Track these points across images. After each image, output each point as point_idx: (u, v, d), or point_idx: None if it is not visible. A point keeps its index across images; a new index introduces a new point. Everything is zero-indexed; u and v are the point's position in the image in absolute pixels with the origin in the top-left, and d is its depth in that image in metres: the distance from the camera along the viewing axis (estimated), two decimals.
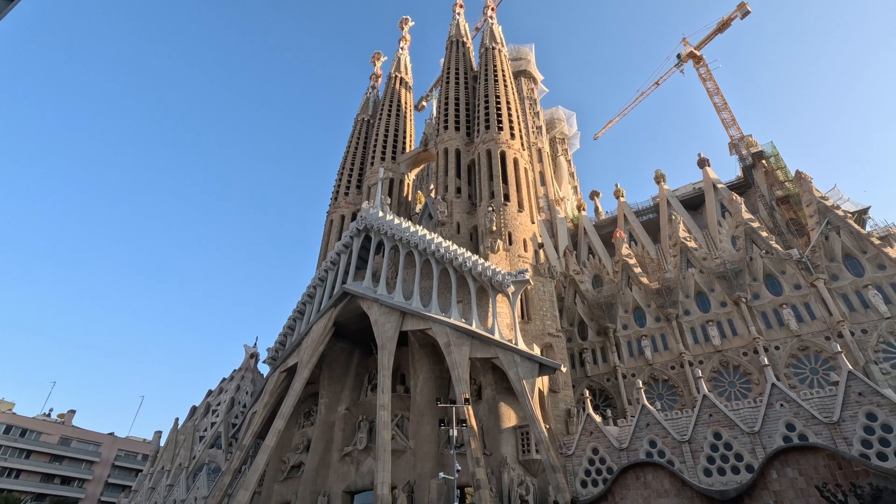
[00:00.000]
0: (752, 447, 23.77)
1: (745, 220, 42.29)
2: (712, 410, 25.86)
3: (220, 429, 51.10)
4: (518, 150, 47.86)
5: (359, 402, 38.24)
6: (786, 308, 36.10)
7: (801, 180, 42.61)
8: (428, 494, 29.22)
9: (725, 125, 66.48)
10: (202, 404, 56.13)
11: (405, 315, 34.45)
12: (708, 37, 78.38)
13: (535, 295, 37.51)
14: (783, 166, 52.43)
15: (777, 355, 34.65)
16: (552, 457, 26.09)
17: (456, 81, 57.46)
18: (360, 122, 67.51)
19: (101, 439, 76.54)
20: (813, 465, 18.50)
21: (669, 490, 21.60)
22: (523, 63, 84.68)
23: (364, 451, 34.25)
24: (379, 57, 77.51)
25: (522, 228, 41.88)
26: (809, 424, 23.16)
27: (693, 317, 39.44)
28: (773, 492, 18.94)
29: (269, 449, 32.91)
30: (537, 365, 29.90)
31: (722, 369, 36.46)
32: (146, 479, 52.10)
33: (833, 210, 38.47)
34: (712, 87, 72.50)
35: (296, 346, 38.83)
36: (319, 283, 41.77)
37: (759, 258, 39.02)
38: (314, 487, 34.18)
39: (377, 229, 39.67)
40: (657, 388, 38.01)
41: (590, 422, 28.81)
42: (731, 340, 36.96)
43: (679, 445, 25.53)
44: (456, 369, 30.11)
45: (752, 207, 50.53)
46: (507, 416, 30.62)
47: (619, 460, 26.33)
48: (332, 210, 57.93)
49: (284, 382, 38.61)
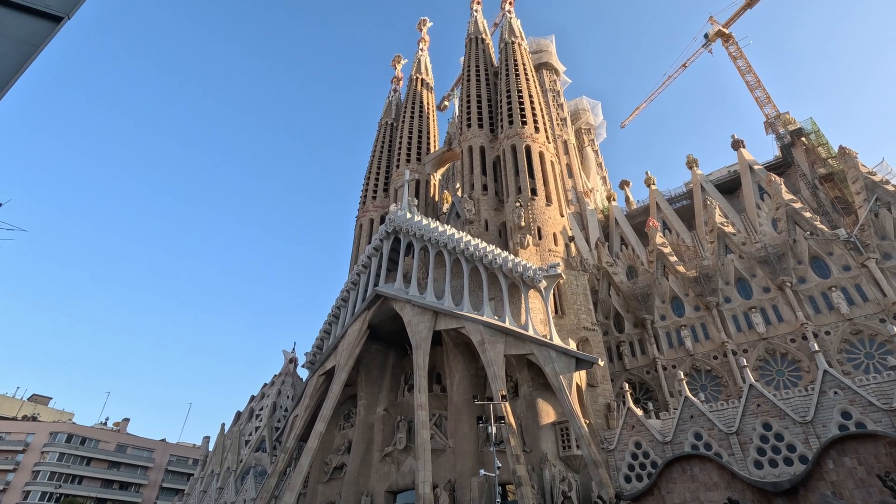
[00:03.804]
0: (806, 437, 22.78)
1: (785, 200, 40.51)
2: (760, 400, 24.90)
3: (263, 433, 52.63)
4: (543, 143, 47.31)
5: (396, 402, 38.62)
6: (835, 291, 34.39)
7: (846, 156, 40.53)
8: (469, 492, 29.24)
9: (760, 104, 63.91)
10: (246, 409, 57.91)
11: (438, 315, 34.58)
12: (736, 13, 75.45)
13: (567, 289, 36.98)
14: (825, 143, 49.95)
15: (828, 341, 33.05)
16: (593, 452, 25.68)
17: (477, 79, 57.26)
18: (383, 125, 68.13)
19: (154, 445, 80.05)
20: (873, 453, 17.52)
21: (718, 483, 20.90)
22: (544, 55, 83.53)
23: (404, 450, 34.57)
24: (399, 60, 78.03)
25: (551, 222, 41.37)
26: (867, 412, 22.01)
27: (734, 304, 38.06)
28: (830, 482, 18.04)
29: (311, 451, 33.66)
30: (574, 360, 29.48)
31: (769, 357, 35.04)
32: (197, 483, 54.15)
33: (882, 185, 36.44)
34: (743, 66, 69.80)
35: (332, 349, 39.54)
36: (352, 286, 42.39)
37: (804, 240, 37.30)
38: (357, 488, 34.73)
39: (406, 231, 39.96)
40: (700, 379, 36.85)
41: (631, 415, 28.21)
42: (777, 327, 35.48)
43: (726, 437, 24.71)
44: (491, 367, 30.03)
45: (792, 188, 48.32)
46: (545, 412, 30.32)
47: (664, 454, 25.67)
48: (360, 214, 58.68)
49: (323, 386, 39.38)
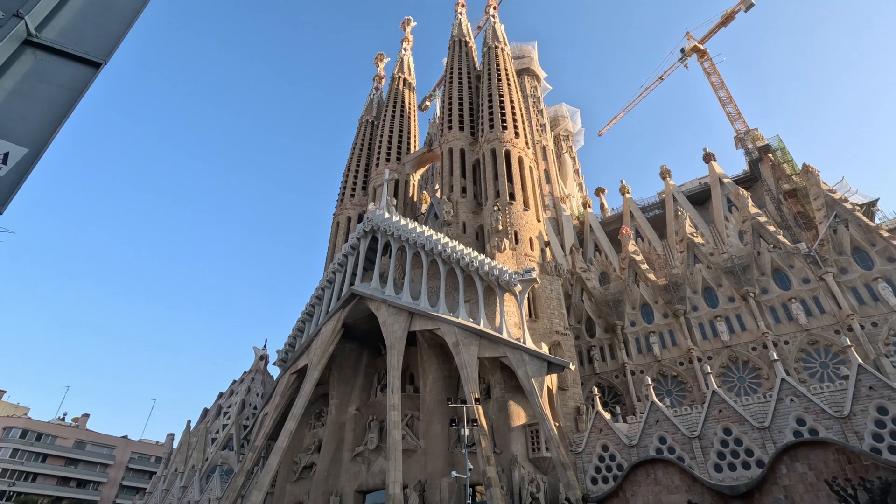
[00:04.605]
0: (763, 442, 23.78)
1: (752, 214, 42.12)
2: (722, 406, 25.87)
3: (231, 431, 51.66)
4: (522, 148, 47.91)
5: (369, 402, 38.52)
6: (794, 302, 35.95)
7: (808, 173, 42.37)
8: (439, 493, 29.45)
9: (731, 119, 66.18)
10: (213, 406, 56.76)
11: (413, 315, 34.67)
12: (712, 30, 77.95)
13: (542, 293, 37.58)
14: (790, 160, 52.12)
15: (786, 350, 34.53)
16: (562, 454, 26.21)
17: (459, 81, 57.56)
18: (364, 123, 67.77)
19: (115, 442, 77.53)
20: (823, 459, 18.52)
21: (680, 486, 21.68)
22: (526, 61, 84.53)
23: (375, 450, 34.52)
24: (382, 58, 77.71)
25: (528, 227, 41.95)
26: (820, 419, 23.13)
27: (701, 312, 39.35)
28: (783, 487, 18.98)
29: (281, 450, 33.27)
30: (546, 363, 30.01)
31: (731, 364, 36.37)
32: (160, 481, 52.78)
33: (841, 203, 38.23)
34: (717, 81, 72.14)
35: (305, 347, 39.16)
36: (327, 284, 42.07)
37: (767, 252, 38.85)
38: (326, 487, 34.52)
39: (384, 230, 39.89)
40: (666, 385, 37.98)
41: (599, 419, 28.89)
42: (740, 336, 36.86)
43: (689, 441, 25.57)
44: (465, 369, 30.30)
45: (759, 202, 50.28)
46: (516, 415, 30.76)
47: (630, 457, 26.40)
48: (338, 212, 58.24)
49: (295, 384, 38.96)
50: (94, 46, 2.24)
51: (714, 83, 72.33)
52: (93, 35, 2.25)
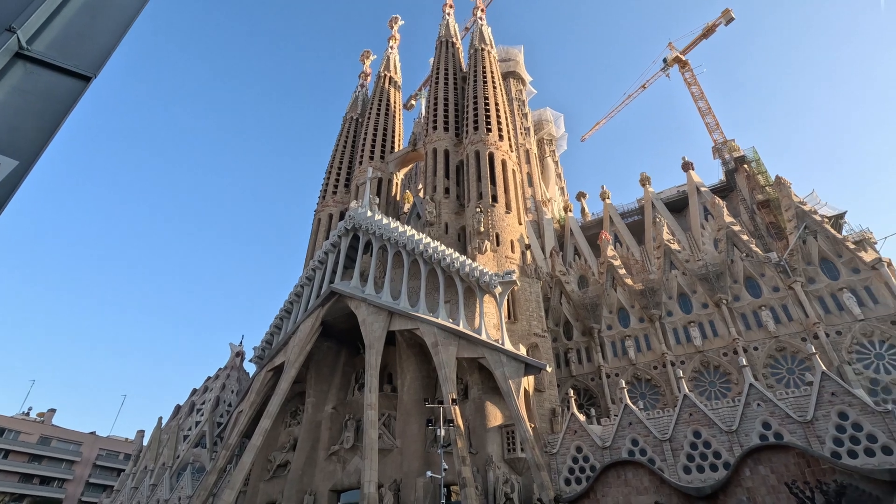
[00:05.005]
0: (730, 445, 24.51)
1: (726, 223, 43.25)
2: (692, 410, 26.56)
3: (204, 428, 50.82)
4: (506, 151, 48.28)
5: (346, 401, 38.38)
6: (764, 310, 37.07)
7: (781, 185, 43.70)
8: (414, 493, 29.54)
9: (709, 129, 67.70)
10: (186, 403, 55.72)
11: (393, 315, 34.67)
12: (693, 42, 79.66)
13: (521, 295, 37.97)
14: (764, 171, 53.62)
15: (755, 356, 35.60)
16: (537, 455, 26.56)
17: (445, 82, 57.68)
18: (348, 120, 67.35)
19: (82, 438, 75.43)
20: (784, 463, 19.24)
21: (649, 487, 22.22)
22: (512, 64, 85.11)
23: (351, 449, 34.42)
24: (368, 55, 77.30)
25: (510, 229, 42.31)
26: (784, 423, 23.96)
27: (676, 318, 40.26)
28: (746, 488, 19.66)
29: (255, 448, 32.91)
30: (523, 365, 30.35)
31: (703, 369, 37.33)
32: (129, 479, 51.62)
33: (811, 215, 39.55)
34: (697, 92, 73.76)
35: (283, 345, 38.80)
36: (307, 282, 41.75)
37: (740, 261, 39.97)
38: (300, 486, 34.27)
39: (365, 229, 39.76)
40: (640, 388, 38.76)
41: (574, 421, 29.36)
42: (712, 341, 37.84)
43: (660, 444, 26.19)
44: (443, 369, 30.44)
45: (733, 211, 51.63)
46: (493, 416, 31.04)
47: (602, 458, 26.91)
48: (319, 209, 57.78)
49: (271, 381, 38.56)
50: (83, 60, 2.28)
51: (694, 93, 73.95)
52: (82, 49, 2.30)
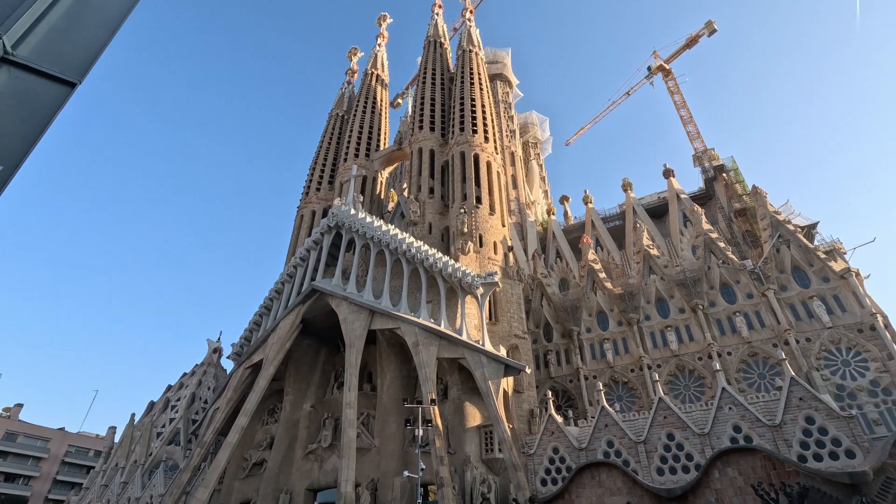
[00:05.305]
0: (702, 448, 25.07)
1: (704, 230, 44.18)
2: (667, 413, 27.09)
3: (179, 425, 49.94)
4: (491, 153, 48.54)
5: (324, 399, 38.14)
6: (738, 316, 37.97)
7: (757, 195, 44.81)
8: (391, 492, 29.52)
9: (690, 138, 68.97)
10: (161, 399, 54.70)
11: (374, 314, 34.58)
12: (677, 51, 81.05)
13: (503, 297, 38.23)
14: (741, 180, 54.87)
15: (729, 361, 36.45)
16: (514, 456, 26.79)
17: (432, 82, 57.73)
18: (334, 117, 66.92)
19: (51, 434, 73.42)
20: (751, 465, 19.82)
21: (622, 488, 22.62)
22: (499, 66, 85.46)
23: (328, 448, 34.22)
24: (356, 52, 76.89)
25: (493, 231, 42.57)
26: (754, 427, 24.61)
27: (653, 322, 40.97)
28: (714, 490, 20.19)
29: (231, 446, 32.49)
30: (503, 366, 30.58)
31: (678, 373, 38.06)
32: (98, 476, 50.44)
33: (785, 224, 40.65)
34: (679, 101, 75.05)
35: (262, 342, 38.39)
36: (288, 279, 41.37)
37: (717, 267, 40.87)
38: (276, 485, 33.95)
39: (348, 227, 39.56)
40: (617, 391, 39.35)
41: (551, 422, 29.67)
42: (688, 345, 38.61)
43: (635, 446, 26.65)
44: (423, 369, 30.48)
45: (711, 218, 52.71)
46: (472, 416, 31.19)
47: (578, 460, 27.26)
48: (302, 205, 57.29)
49: (249, 379, 38.12)
50: (68, 66, 2.28)
51: (677, 102, 75.24)
52: (68, 54, 2.28)
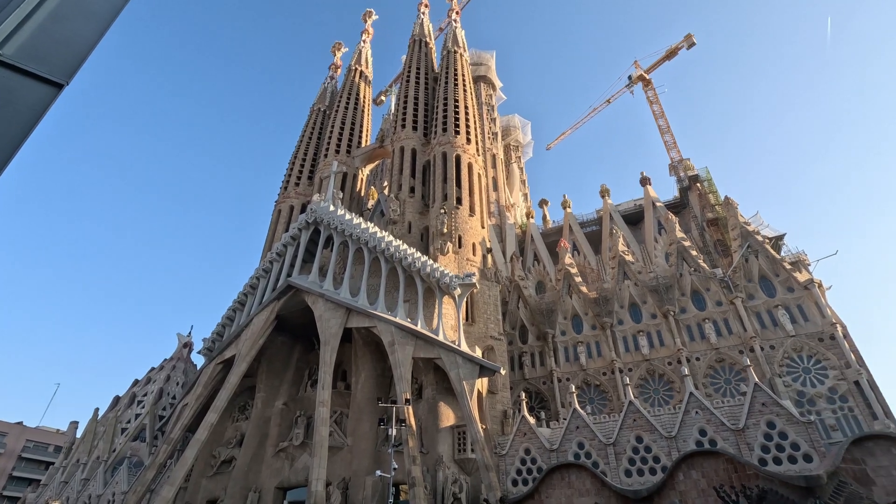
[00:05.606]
0: (669, 450, 25.73)
1: (678, 238, 45.31)
2: (636, 416, 27.69)
3: (145, 421, 48.70)
4: (473, 154, 48.78)
5: (297, 397, 37.71)
6: (708, 322, 39.08)
7: (729, 205, 46.19)
8: (363, 491, 29.39)
9: (667, 147, 70.61)
10: (127, 394, 53.23)
11: (350, 312, 34.36)
12: (657, 62, 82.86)
13: (480, 298, 38.47)
14: (715, 191, 56.44)
15: (697, 366, 37.48)
16: (486, 456, 27.01)
17: (416, 81, 57.66)
18: (315, 111, 66.22)
19: (7, 429, 70.68)
20: (714, 468, 20.48)
21: (590, 489, 23.04)
22: (483, 69, 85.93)
23: (300, 446, 33.85)
24: (340, 47, 76.25)
25: (472, 232, 42.79)
26: (719, 430, 25.39)
27: (626, 326, 41.82)
28: (679, 492, 20.79)
29: (199, 443, 31.84)
30: (478, 367, 30.78)
31: (649, 377, 38.95)
32: (58, 473, 48.81)
33: (754, 235, 42.01)
34: (658, 110, 76.76)
35: (234, 337, 37.74)
36: (263, 274, 40.77)
37: (688, 275, 41.97)
38: (245, 483, 33.43)
39: (327, 223, 39.21)
40: (589, 393, 40.04)
41: (524, 423, 29.99)
42: (659, 350, 39.56)
43: (605, 448, 27.16)
44: (398, 368, 30.45)
45: (685, 227, 54.09)
46: (445, 416, 31.30)
47: (549, 461, 27.63)
48: (280, 200, 56.54)
49: (220, 375, 37.42)
50: (56, 67, 2.24)
51: (655, 112, 76.93)
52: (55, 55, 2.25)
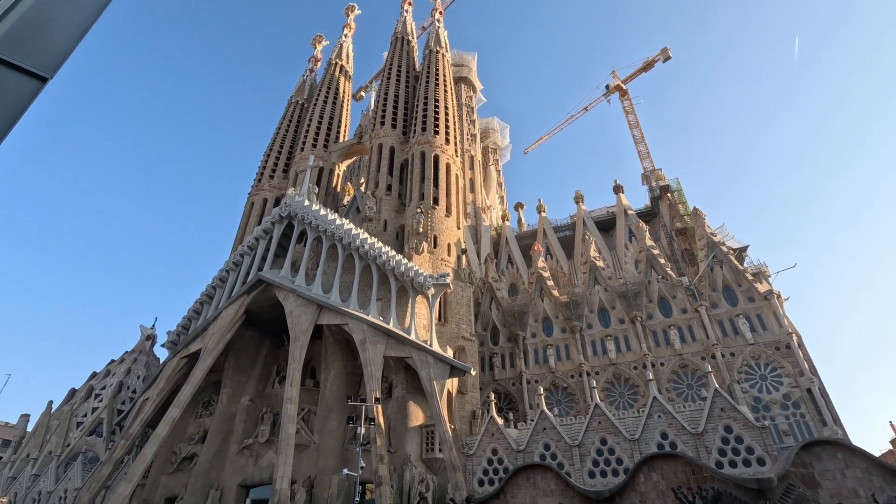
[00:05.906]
0: (632, 453, 26.42)
1: (647, 246, 46.49)
2: (602, 418, 28.33)
3: (102, 415, 47.05)
4: (451, 155, 48.90)
5: (264, 393, 37.09)
6: (673, 329, 40.26)
7: (697, 216, 47.68)
8: (328, 490, 29.13)
9: (640, 157, 72.36)
10: (84, 387, 51.28)
11: (322, 308, 33.99)
12: (634, 73, 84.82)
13: (453, 298, 38.62)
14: (684, 201, 58.15)
15: (661, 371, 38.57)
16: (454, 456, 27.16)
17: (397, 79, 57.43)
18: (293, 104, 65.20)
19: None
20: (673, 470, 21.19)
21: (555, 490, 23.48)
22: (465, 70, 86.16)
23: (265, 444, 33.32)
24: (320, 40, 75.24)
25: (448, 233, 42.91)
26: (679, 434, 26.21)
27: (595, 331, 42.68)
28: (639, 493, 21.43)
29: (160, 438, 30.95)
30: (449, 367, 30.91)
31: (615, 381, 39.86)
32: (6, 468, 46.64)
33: (719, 246, 43.49)
34: (633, 120, 78.57)
35: (201, 331, 36.83)
36: (233, 267, 39.93)
37: (656, 282, 43.13)
38: (207, 480, 32.68)
39: (301, 218, 38.67)
40: (557, 395, 40.71)
41: (492, 423, 30.29)
42: (625, 355, 40.52)
43: (570, 449, 27.69)
44: (369, 366, 30.29)
45: (655, 235, 55.53)
46: (415, 415, 31.31)
47: (516, 461, 27.99)
48: (254, 192, 55.45)
49: (184, 369, 36.46)
50: (39, 60, 2.19)
51: (630, 122, 78.72)
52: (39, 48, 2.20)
